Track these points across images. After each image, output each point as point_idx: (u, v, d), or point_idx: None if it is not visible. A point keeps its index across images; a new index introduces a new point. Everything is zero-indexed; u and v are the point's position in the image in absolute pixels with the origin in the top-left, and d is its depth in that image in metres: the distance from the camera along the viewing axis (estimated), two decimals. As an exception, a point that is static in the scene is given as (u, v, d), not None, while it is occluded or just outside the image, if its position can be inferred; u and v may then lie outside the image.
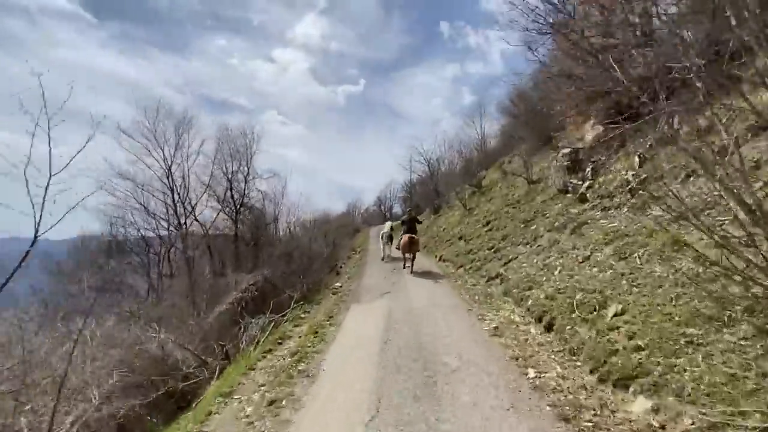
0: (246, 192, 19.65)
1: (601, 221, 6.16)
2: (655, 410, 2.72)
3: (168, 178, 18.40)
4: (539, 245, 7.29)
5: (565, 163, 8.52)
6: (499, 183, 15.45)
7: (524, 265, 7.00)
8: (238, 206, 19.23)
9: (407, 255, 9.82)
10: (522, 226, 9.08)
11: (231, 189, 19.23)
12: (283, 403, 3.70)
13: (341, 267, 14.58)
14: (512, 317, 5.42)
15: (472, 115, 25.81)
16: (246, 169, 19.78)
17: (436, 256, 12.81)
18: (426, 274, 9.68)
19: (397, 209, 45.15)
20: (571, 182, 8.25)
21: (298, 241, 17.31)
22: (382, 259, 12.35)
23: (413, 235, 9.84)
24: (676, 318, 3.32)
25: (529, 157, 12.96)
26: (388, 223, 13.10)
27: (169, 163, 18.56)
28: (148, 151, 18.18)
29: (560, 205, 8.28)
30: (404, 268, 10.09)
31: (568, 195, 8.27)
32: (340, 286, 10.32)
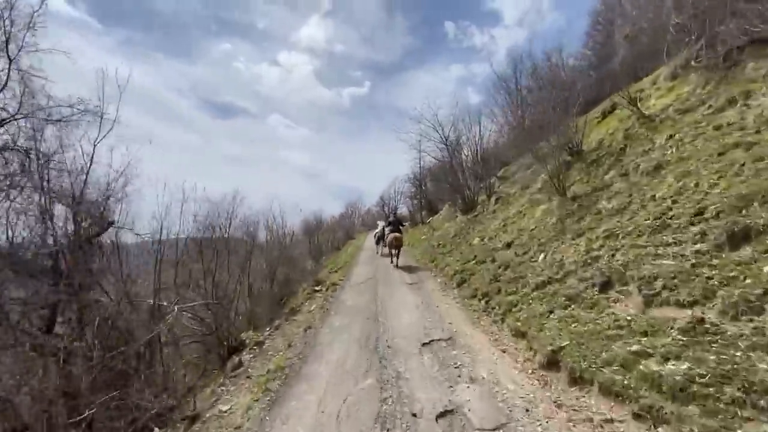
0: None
1: None
2: None
3: None
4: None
5: None
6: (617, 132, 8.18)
7: None
8: None
9: (393, 251, 10.81)
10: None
11: None
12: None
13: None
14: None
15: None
16: None
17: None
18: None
19: (404, 210, 38.58)
20: None
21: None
22: (377, 253, 13.29)
23: (397, 234, 10.75)
24: None
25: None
26: (381, 223, 13.90)
27: None
28: None
29: None
30: (391, 263, 10.91)
31: None
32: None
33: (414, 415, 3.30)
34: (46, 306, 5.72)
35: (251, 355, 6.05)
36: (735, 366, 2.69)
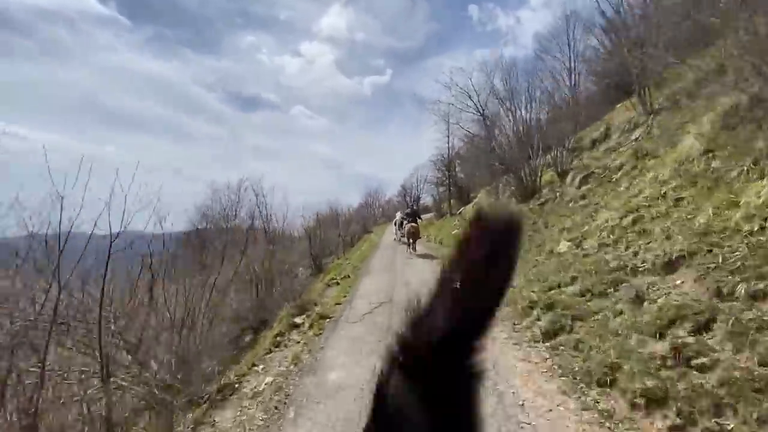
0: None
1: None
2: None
3: None
4: None
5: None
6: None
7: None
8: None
9: (410, 240, 11.28)
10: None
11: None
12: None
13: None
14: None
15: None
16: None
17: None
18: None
19: (427, 200, 34.46)
20: None
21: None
22: (395, 239, 14.41)
23: (414, 224, 11.43)
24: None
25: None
26: (399, 213, 14.20)
27: None
28: None
29: None
30: (407, 250, 11.43)
31: None
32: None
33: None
34: None
35: None
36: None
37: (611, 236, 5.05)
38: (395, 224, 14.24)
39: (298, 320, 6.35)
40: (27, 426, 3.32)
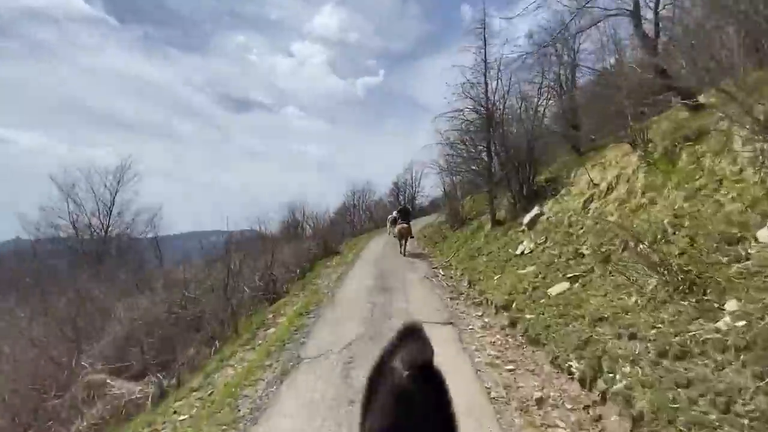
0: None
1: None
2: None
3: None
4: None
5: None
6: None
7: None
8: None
9: (402, 240, 10.56)
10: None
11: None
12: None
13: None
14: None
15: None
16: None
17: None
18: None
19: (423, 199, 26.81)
20: None
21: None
22: (388, 233, 13.74)
23: (405, 224, 10.60)
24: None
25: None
26: (394, 211, 13.53)
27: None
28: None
29: None
30: (400, 250, 10.57)
31: None
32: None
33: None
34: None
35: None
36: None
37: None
38: (388, 221, 14.09)
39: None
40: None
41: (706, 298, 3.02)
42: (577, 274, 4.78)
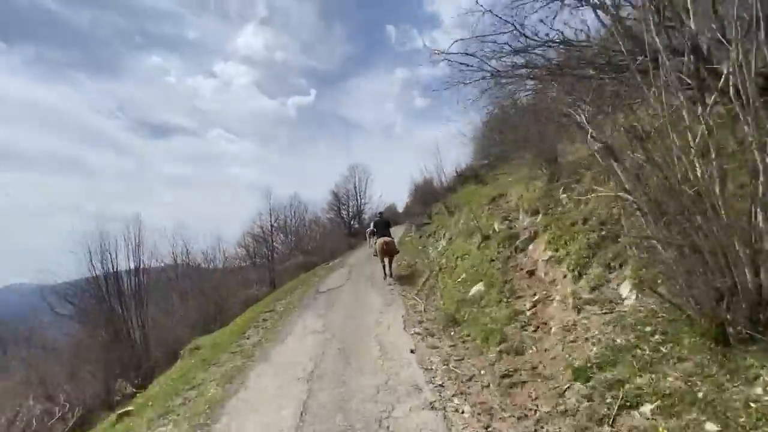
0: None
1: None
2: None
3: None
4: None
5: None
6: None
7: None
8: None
9: (385, 259, 8.36)
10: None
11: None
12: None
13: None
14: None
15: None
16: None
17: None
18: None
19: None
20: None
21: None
22: (368, 247, 12.28)
23: (387, 238, 8.45)
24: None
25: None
26: (371, 223, 11.79)
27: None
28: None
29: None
30: (383, 274, 8.41)
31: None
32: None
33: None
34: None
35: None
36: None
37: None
38: (367, 234, 12.69)
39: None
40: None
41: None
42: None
